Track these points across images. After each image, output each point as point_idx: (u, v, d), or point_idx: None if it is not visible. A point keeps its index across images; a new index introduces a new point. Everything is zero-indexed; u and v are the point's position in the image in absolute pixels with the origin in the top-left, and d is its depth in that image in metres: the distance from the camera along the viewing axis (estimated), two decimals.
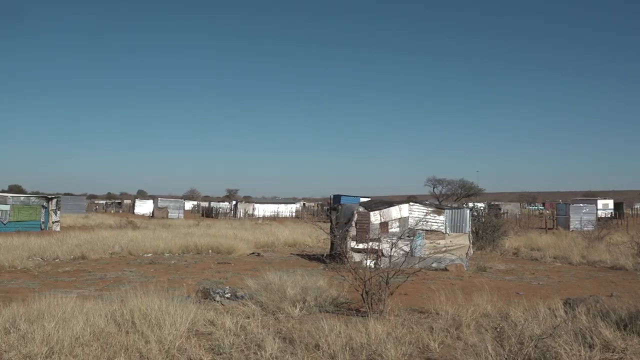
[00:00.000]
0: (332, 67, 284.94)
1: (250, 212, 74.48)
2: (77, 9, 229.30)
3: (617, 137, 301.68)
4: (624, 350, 7.93)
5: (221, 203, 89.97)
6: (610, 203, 76.50)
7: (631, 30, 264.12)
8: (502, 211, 62.58)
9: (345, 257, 12.56)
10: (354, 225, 18.82)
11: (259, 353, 7.75)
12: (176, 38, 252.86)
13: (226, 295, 11.96)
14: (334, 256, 16.96)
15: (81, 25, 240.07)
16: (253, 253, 23.65)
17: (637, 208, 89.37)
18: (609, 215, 62.56)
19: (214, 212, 75.63)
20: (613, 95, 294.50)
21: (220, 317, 9.73)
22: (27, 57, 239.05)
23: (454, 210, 20.33)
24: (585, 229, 42.12)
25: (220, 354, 7.87)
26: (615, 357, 7.81)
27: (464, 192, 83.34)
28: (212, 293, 12.08)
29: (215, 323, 9.40)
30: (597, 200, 72.23)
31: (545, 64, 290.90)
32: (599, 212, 57.28)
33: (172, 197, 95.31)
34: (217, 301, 11.58)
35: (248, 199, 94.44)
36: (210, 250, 23.64)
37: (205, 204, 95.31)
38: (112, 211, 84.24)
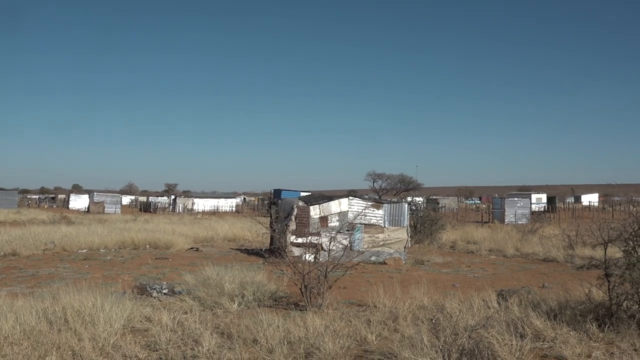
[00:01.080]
0: (272, 59, 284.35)
1: (190, 206, 73.55)
2: None
3: (550, 134, 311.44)
4: (553, 340, 8.18)
5: (160, 198, 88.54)
6: (543, 197, 78.80)
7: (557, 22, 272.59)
8: (440, 205, 63.66)
9: (285, 251, 12.55)
10: (293, 219, 18.81)
11: (196, 349, 7.66)
12: (105, 30, 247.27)
13: (163, 291, 11.78)
14: (274, 250, 16.93)
15: None
16: (192, 248, 23.37)
17: (568, 202, 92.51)
18: (542, 209, 64.40)
19: (152, 206, 74.42)
20: (546, 93, 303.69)
21: (157, 313, 9.58)
22: None
23: (392, 204, 20.55)
24: (519, 222, 43.27)
25: (156, 351, 7.74)
26: (546, 346, 8.05)
27: (403, 187, 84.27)
28: (149, 289, 11.88)
29: (151, 319, 9.25)
30: (531, 194, 74.35)
31: (481, 59, 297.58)
32: (533, 206, 58.96)
33: (108, 191, 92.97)
34: (154, 297, 11.39)
35: (187, 194, 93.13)
36: (147, 246, 23.24)
37: (143, 199, 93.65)
38: (45, 206, 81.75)
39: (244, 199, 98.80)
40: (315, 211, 19.10)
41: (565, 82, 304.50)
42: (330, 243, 12.15)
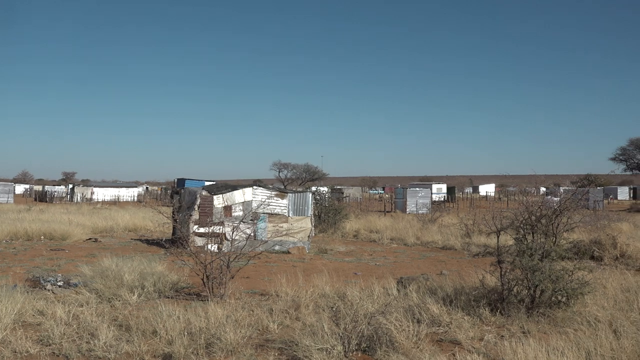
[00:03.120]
0: (174, 46, 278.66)
1: (89, 196, 71.02)
2: None
3: (450, 127, 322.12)
4: (449, 324, 8.49)
5: (57, 187, 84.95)
6: (443, 187, 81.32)
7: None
8: (344, 195, 64.48)
9: (187, 241, 12.36)
10: (196, 209, 18.54)
11: (92, 342, 7.44)
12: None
13: (58, 284, 11.35)
14: (176, 241, 16.65)
15: None
16: (90, 239, 22.59)
17: (467, 192, 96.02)
18: (442, 199, 66.49)
19: (48, 196, 71.25)
20: (446, 89, 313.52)
21: (51, 306, 9.23)
22: None
23: (297, 194, 20.63)
24: (420, 211, 44.48)
25: (49, 345, 7.46)
26: (441, 330, 8.34)
27: (309, 176, 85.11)
28: (42, 281, 11.42)
29: (45, 313, 8.91)
30: (432, 184, 76.52)
31: (384, 50, 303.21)
32: (434, 196, 60.70)
33: (0, 180, 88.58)
34: (49, 290, 10.96)
35: (86, 183, 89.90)
36: (42, 237, 22.26)
37: (38, 188, 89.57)
38: None
39: (147, 188, 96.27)
40: (218, 200, 18.91)
41: (464, 79, 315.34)
42: (233, 233, 12.06)
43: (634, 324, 8.16)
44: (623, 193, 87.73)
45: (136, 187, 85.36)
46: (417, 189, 54.46)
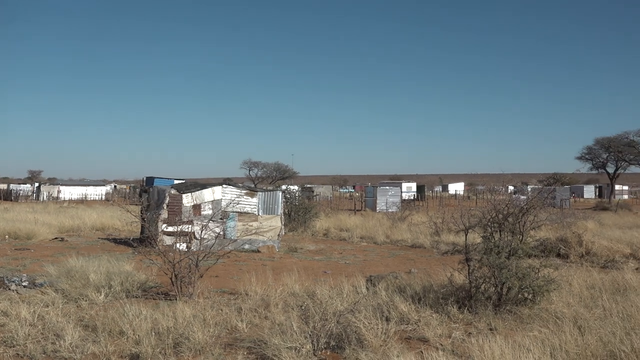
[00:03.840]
0: (143, 43, 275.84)
1: (56, 194, 70.02)
2: None
3: (420, 126, 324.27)
4: (417, 322, 8.54)
5: (22, 185, 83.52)
6: (413, 186, 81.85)
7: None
8: (314, 194, 64.50)
9: (155, 240, 12.25)
10: (165, 207, 18.37)
11: (57, 343, 7.33)
12: None
13: (23, 284, 11.15)
14: (144, 240, 16.49)
15: None
16: (56, 238, 22.24)
17: (437, 191, 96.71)
18: (412, 198, 66.90)
19: (13, 194, 70.04)
20: (418, 88, 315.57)
21: (15, 307, 9.05)
22: None
23: (267, 192, 20.57)
24: (390, 210, 44.69)
25: (13, 346, 7.33)
26: (410, 328, 8.39)
27: (279, 175, 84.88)
28: (6, 282, 11.21)
29: (8, 314, 8.74)
30: (402, 183, 76.93)
31: (360, 50, 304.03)
32: (403, 195, 61.04)
33: None
34: (13, 290, 10.75)
35: (53, 181, 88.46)
36: (7, 236, 21.85)
37: (3, 186, 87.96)
38: None
39: (115, 186, 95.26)
40: (187, 199, 18.76)
41: (433, 79, 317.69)
42: (202, 231, 11.98)
43: (598, 320, 8.29)
44: (589, 191, 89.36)
45: (104, 185, 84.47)
46: (387, 187, 54.68)
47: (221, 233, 17.49)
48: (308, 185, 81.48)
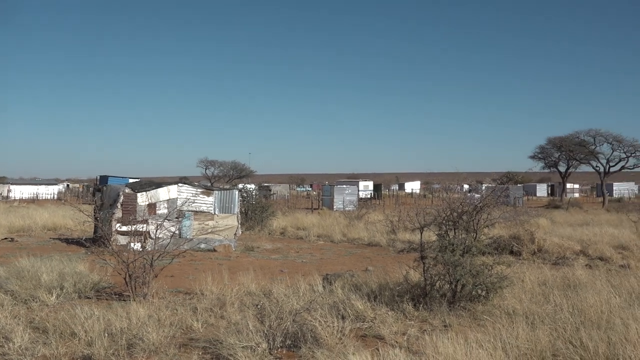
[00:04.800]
0: (102, 45, 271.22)
1: (5, 194, 68.27)
2: None
3: (377, 126, 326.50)
4: (373, 320, 8.59)
5: None
6: (370, 184, 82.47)
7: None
8: (272, 192, 64.35)
9: (109, 240, 12.05)
10: (119, 207, 18.09)
11: (6, 346, 7.16)
12: None
13: None
14: (97, 239, 16.21)
15: None
16: (6, 238, 21.68)
17: (393, 189, 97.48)
18: (369, 196, 67.31)
19: None
20: (375, 87, 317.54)
21: None
22: None
23: (223, 191, 20.43)
24: (347, 209, 44.85)
25: None
26: (365, 326, 8.43)
27: (236, 174, 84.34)
28: None
29: None
30: (359, 182, 77.42)
31: (315, 48, 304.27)
32: (360, 193, 61.41)
33: None
34: None
35: (2, 180, 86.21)
36: None
37: None
38: None
39: (68, 185, 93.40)
40: (142, 198, 18.51)
41: (389, 78, 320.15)
42: (157, 231, 11.83)
43: (549, 316, 8.47)
44: (541, 190, 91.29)
45: (56, 184, 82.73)
46: (345, 186, 54.91)
47: (177, 232, 17.33)
48: (265, 184, 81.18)
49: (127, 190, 18.65)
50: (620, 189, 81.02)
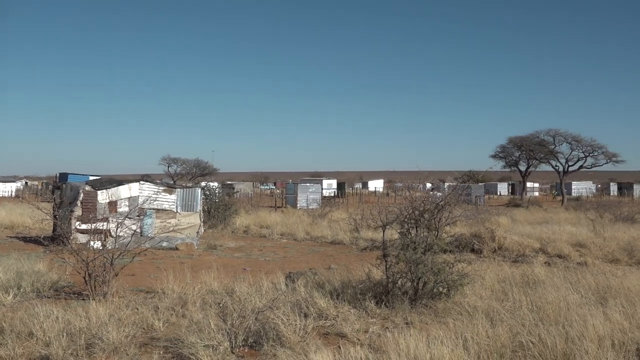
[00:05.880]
0: (62, 41, 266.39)
1: None
2: None
3: (341, 124, 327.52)
4: (335, 318, 8.61)
5: None
6: (334, 183, 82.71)
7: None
8: (235, 190, 63.97)
9: (68, 238, 11.85)
10: (79, 204, 17.80)
11: None
12: None
13: None
14: (56, 238, 15.93)
15: None
16: None
17: (357, 188, 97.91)
18: (333, 194, 67.48)
19: None
20: (338, 86, 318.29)
21: None
22: None
23: (185, 189, 20.27)
24: (311, 207, 44.90)
25: None
26: (328, 324, 8.45)
27: (199, 172, 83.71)
28: None
29: None
30: (322, 180, 77.52)
31: (278, 45, 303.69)
32: (324, 192, 61.51)
33: None
34: None
35: None
36: None
37: None
38: None
39: (26, 183, 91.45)
40: (103, 196, 18.25)
41: (352, 77, 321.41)
42: (117, 229, 11.67)
43: (509, 312, 8.60)
44: (502, 189, 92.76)
45: (14, 181, 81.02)
46: (308, 184, 54.97)
47: (138, 230, 17.11)
48: (228, 182, 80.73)
49: (88, 187, 18.36)
50: (579, 188, 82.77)
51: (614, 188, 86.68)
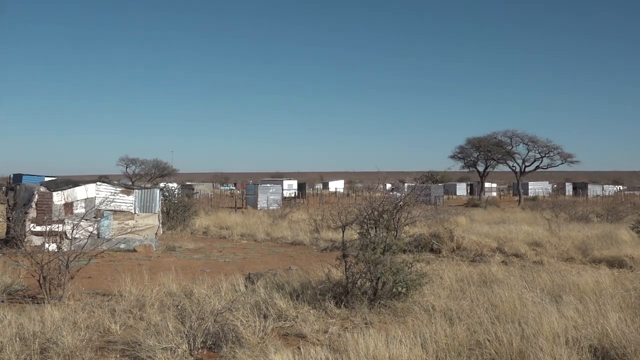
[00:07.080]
0: (30, 37, 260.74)
1: None
2: None
3: (301, 125, 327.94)
4: (295, 318, 8.61)
5: None
6: (294, 183, 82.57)
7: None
8: (194, 191, 63.40)
9: (22, 240, 11.59)
10: (34, 206, 17.42)
11: None
12: None
13: None
14: (10, 240, 15.60)
15: None
16: None
17: (317, 188, 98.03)
18: (293, 195, 67.40)
19: None
20: (303, 86, 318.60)
21: None
22: None
23: (143, 190, 20.02)
24: (271, 207, 44.78)
25: None
26: (287, 325, 8.44)
27: (158, 172, 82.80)
28: None
29: None
30: (283, 181, 77.38)
31: (243, 44, 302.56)
32: (285, 192, 61.40)
33: None
34: None
35: None
36: None
37: None
38: None
39: None
40: (58, 197, 17.89)
41: (311, 76, 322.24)
42: (73, 231, 11.47)
43: (466, 311, 8.71)
44: (461, 189, 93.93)
45: None
46: (269, 185, 54.85)
47: (95, 232, 16.85)
48: (188, 183, 79.95)
49: (42, 189, 17.99)
50: (535, 188, 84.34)
51: (569, 188, 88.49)
